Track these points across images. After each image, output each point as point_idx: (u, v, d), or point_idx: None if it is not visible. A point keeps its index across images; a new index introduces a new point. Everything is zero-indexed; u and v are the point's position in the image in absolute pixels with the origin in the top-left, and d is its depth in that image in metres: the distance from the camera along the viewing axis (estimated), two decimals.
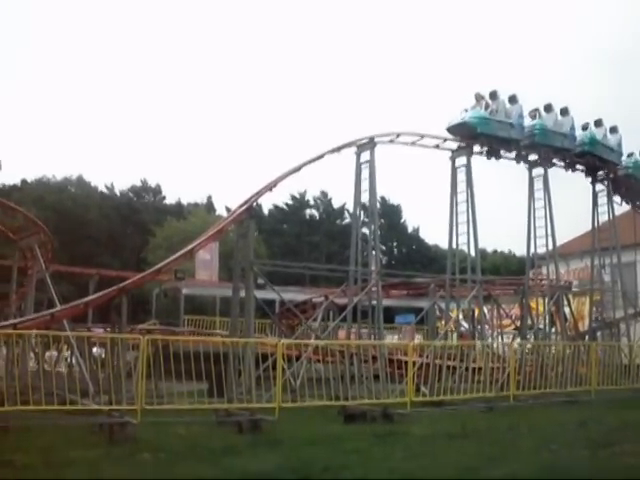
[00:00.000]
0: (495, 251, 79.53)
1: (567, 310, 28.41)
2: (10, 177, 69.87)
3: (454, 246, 25.10)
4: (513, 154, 26.67)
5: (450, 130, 25.15)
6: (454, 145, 25.10)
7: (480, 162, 25.82)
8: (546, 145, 26.88)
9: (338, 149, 22.16)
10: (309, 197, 76.82)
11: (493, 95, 25.65)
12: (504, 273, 50.89)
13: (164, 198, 76.40)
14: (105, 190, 73.52)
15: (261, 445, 12.90)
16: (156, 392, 14.90)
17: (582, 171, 29.29)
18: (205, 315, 38.01)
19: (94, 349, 21.31)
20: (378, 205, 23.94)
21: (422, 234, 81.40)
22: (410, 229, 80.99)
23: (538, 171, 27.14)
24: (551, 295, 27.10)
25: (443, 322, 29.69)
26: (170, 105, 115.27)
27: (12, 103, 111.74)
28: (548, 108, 27.49)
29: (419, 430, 14.95)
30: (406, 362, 18.33)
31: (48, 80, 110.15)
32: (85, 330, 23.17)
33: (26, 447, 11.97)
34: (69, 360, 21.59)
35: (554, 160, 27.89)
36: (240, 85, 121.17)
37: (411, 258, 73.51)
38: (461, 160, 25.06)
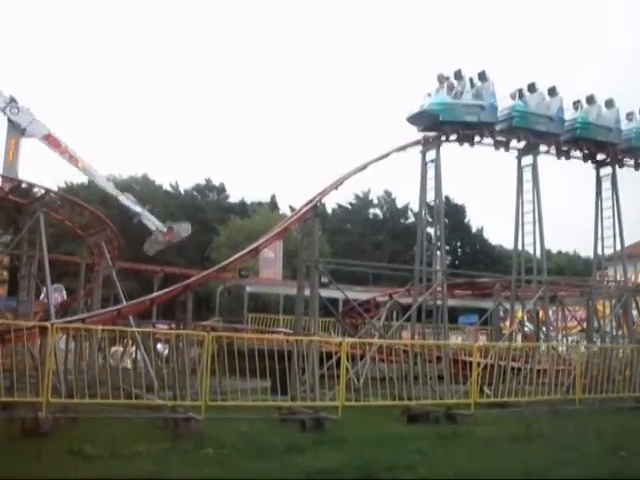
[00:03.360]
0: (560, 252, 78.38)
1: (635, 313, 27.70)
2: (78, 176, 71.21)
3: (520, 247, 24.72)
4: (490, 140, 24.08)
5: (410, 120, 23.15)
6: (521, 144, 24.52)
7: (547, 161, 25.23)
8: (526, 129, 24.12)
9: (404, 147, 22.00)
10: (373, 196, 76.67)
11: (457, 75, 23.18)
12: (569, 274, 50.13)
13: (228, 197, 76.95)
14: (170, 189, 74.36)
15: (324, 443, 12.88)
16: (219, 389, 14.96)
17: (579, 158, 26.37)
18: (268, 313, 38.13)
19: (158, 345, 21.59)
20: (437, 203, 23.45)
21: (486, 234, 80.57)
22: (474, 229, 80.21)
23: (606, 170, 26.43)
24: (618, 297, 26.46)
25: (507, 323, 29.32)
26: (235, 104, 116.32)
27: (78, 102, 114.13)
28: (532, 88, 24.51)
29: (483, 432, 14.83)
30: (470, 363, 18.13)
31: (114, 79, 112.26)
32: (149, 326, 23.48)
33: (94, 438, 12.19)
34: (134, 355, 21.90)
35: (542, 147, 25.21)
36: (306, 83, 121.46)
37: (474, 258, 72.74)
38: (527, 159, 24.60)
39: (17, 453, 11.12)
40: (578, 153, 25.86)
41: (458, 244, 78.94)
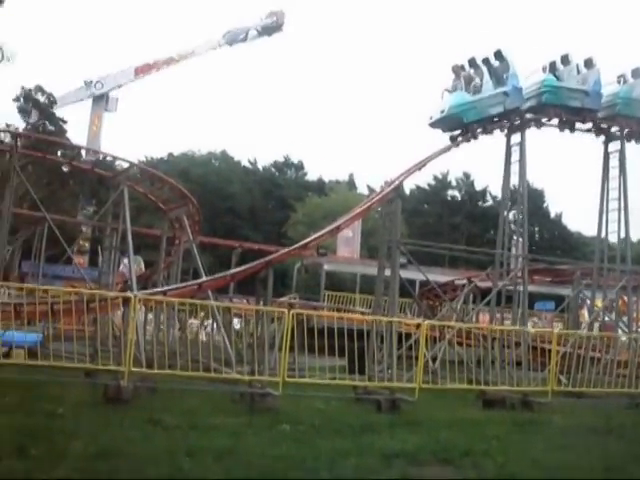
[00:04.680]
0: None
1: None
2: (158, 150, 72.39)
3: (603, 234, 24.16)
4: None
5: (433, 126, 22.21)
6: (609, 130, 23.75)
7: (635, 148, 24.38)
8: (556, 105, 22.42)
9: (490, 130, 21.57)
10: (451, 178, 75.92)
11: (472, 63, 21.70)
12: None
13: (306, 174, 77.20)
14: (248, 165, 74.95)
15: (400, 425, 12.83)
16: (294, 366, 15.05)
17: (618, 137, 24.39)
18: (343, 291, 38.19)
19: (234, 320, 21.83)
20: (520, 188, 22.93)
21: (564, 220, 79.10)
22: (552, 214, 78.77)
23: None
24: None
25: (584, 311, 28.78)
26: (314, 82, 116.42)
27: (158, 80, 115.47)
28: (565, 60, 22.80)
29: (560, 421, 14.62)
30: (547, 350, 17.86)
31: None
32: (227, 300, 23.74)
33: (172, 409, 12.47)
34: (210, 329, 22.20)
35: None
36: (385, 64, 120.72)
37: (552, 244, 71.55)
38: (615, 145, 23.94)
39: (101, 419, 11.44)
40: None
41: (536, 229, 77.67)
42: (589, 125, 23.39)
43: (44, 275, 28.41)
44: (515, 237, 24.24)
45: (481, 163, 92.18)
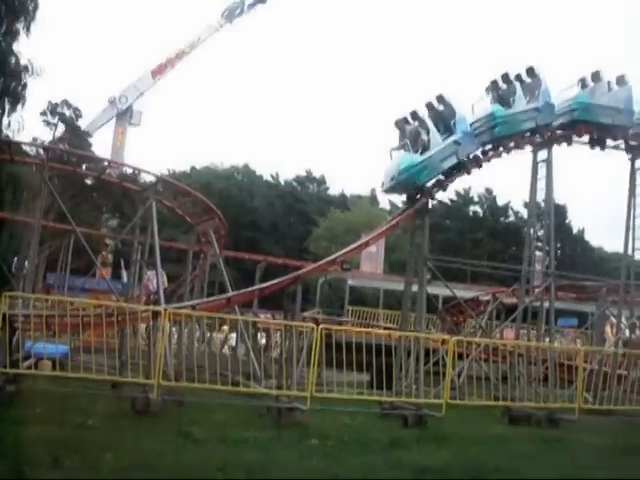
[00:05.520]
0: None
1: None
2: (181, 164, 72.83)
3: (629, 251, 23.94)
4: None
5: (388, 192, 21.69)
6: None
7: None
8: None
9: (521, 146, 21.41)
10: (473, 193, 75.64)
11: (415, 116, 20.11)
12: None
13: (328, 189, 77.12)
14: (270, 179, 75.04)
15: (427, 440, 12.87)
16: (320, 380, 15.04)
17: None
18: (365, 306, 38.16)
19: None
20: (543, 204, 22.70)
21: (587, 236, 78.59)
22: (574, 230, 78.29)
23: None
24: None
25: (607, 328, 28.53)
26: (335, 98, 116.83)
27: (181, 92, 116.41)
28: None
29: (589, 439, 14.51)
30: (572, 367, 17.73)
31: (218, 71, 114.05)
32: (251, 315, 23.78)
33: (201, 422, 12.52)
34: (235, 343, 22.22)
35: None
36: (404, 78, 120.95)
37: (574, 260, 71.04)
38: None
39: (131, 431, 11.51)
40: None
41: (558, 245, 77.14)
42: (619, 142, 23.17)
43: (69, 288, 28.58)
44: (538, 253, 24.08)
45: (503, 179, 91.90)
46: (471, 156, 19.87)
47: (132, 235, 22.71)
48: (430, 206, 20.15)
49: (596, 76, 22.35)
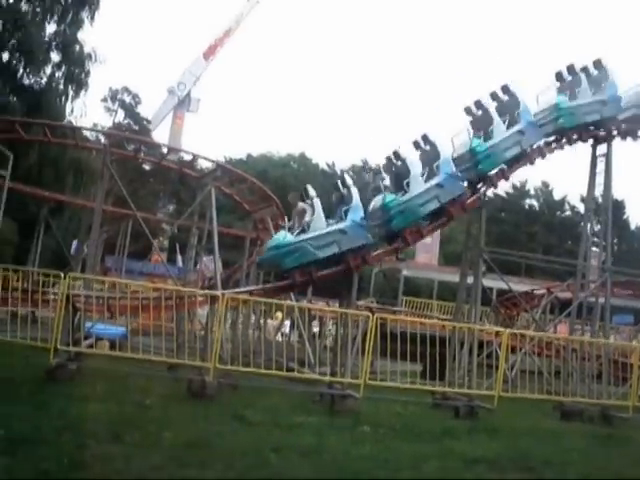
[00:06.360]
0: None
1: None
2: (237, 152, 73.42)
3: None
4: None
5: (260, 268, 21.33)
6: None
7: None
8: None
9: (585, 138, 21.09)
10: (530, 187, 74.93)
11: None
12: None
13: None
14: (326, 168, 75.14)
15: (479, 431, 12.90)
16: (373, 369, 15.15)
17: None
18: (418, 297, 38.12)
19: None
20: (601, 199, 22.29)
21: None
22: (633, 226, 77.06)
23: None
24: None
25: None
26: (396, 89, 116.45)
27: (239, 80, 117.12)
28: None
29: None
30: (625, 364, 17.58)
31: (276, 61, 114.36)
32: (306, 302, 23.96)
33: (255, 406, 12.71)
34: (288, 330, 22.46)
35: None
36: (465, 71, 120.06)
37: (631, 256, 69.89)
38: None
39: (188, 412, 11.82)
40: None
41: (615, 240, 76.00)
42: None
43: (127, 271, 29.12)
44: (594, 248, 23.77)
45: (560, 173, 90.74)
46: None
47: (190, 220, 23.04)
48: (486, 198, 19.94)
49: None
